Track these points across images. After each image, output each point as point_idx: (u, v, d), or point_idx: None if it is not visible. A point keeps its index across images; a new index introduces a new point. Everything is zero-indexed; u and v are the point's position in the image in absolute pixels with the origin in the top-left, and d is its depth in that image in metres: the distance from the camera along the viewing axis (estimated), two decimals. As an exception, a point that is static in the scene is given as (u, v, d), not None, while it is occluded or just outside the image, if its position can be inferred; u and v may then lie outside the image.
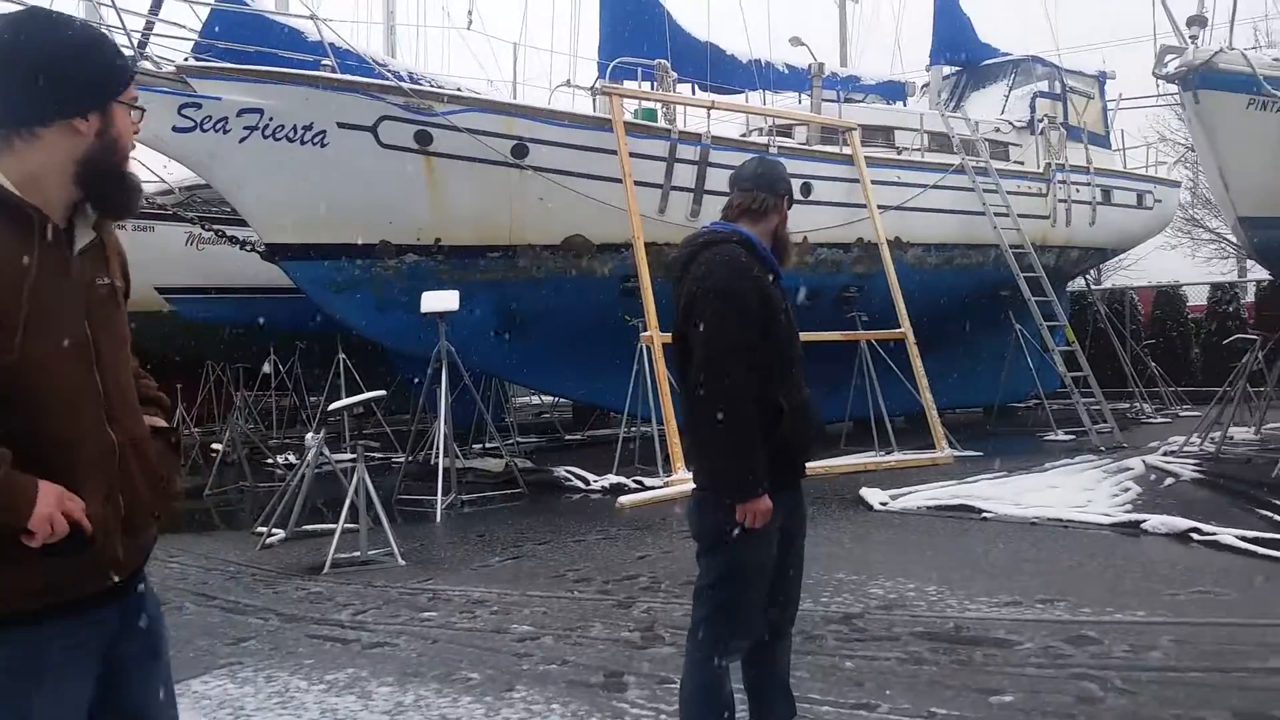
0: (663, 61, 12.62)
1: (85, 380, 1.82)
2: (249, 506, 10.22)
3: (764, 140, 12.93)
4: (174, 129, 9.71)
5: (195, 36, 10.61)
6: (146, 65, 9.78)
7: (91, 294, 1.86)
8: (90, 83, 1.84)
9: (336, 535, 7.19)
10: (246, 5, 11.45)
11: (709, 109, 12.34)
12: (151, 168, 14.82)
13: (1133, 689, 4.16)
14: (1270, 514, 7.58)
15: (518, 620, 5.54)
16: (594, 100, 12.46)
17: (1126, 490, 9.09)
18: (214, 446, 13.00)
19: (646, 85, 12.86)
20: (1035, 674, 4.39)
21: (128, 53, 9.73)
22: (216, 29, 10.58)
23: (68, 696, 1.84)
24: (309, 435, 8.48)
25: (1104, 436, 12.45)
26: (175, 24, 10.80)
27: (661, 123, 12.21)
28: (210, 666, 4.94)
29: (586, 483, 10.55)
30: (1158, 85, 10.75)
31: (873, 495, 8.96)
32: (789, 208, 3.39)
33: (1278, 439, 10.93)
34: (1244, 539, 6.68)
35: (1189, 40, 9.44)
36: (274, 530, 8.08)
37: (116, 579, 1.92)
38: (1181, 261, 30.16)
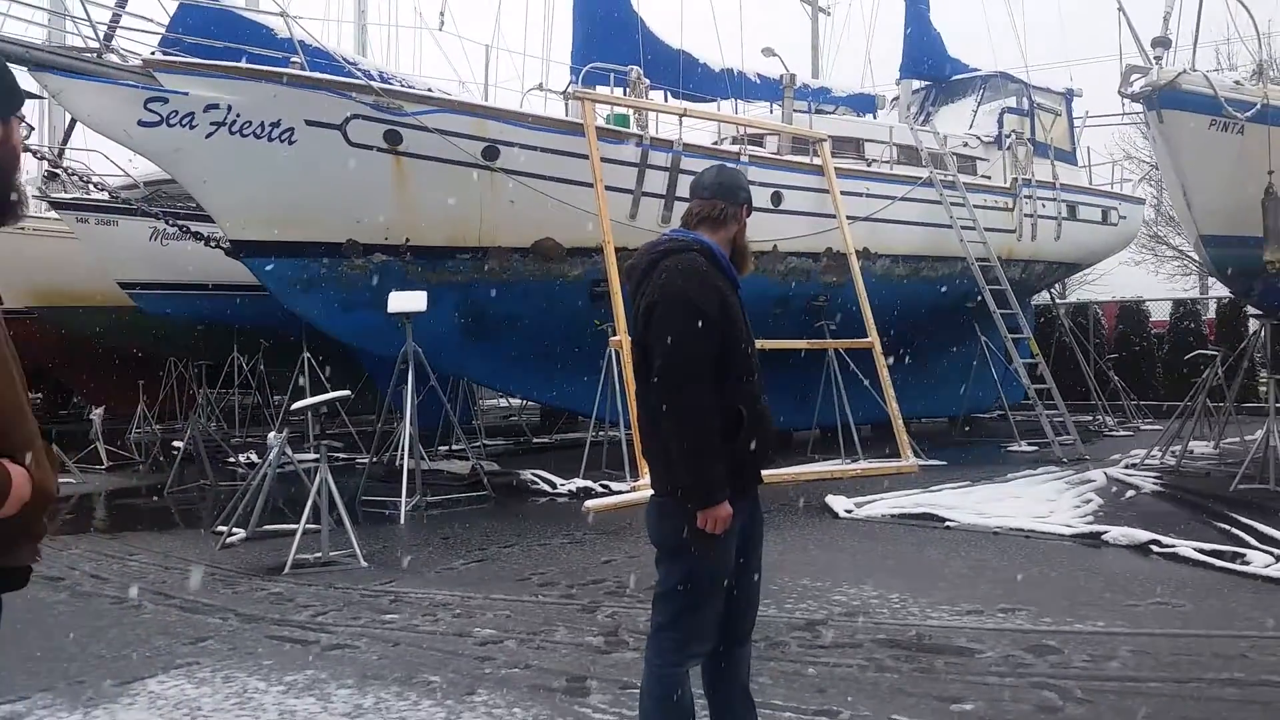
0: (636, 68, 12.62)
1: (12, 374, 1.88)
2: (210, 505, 10.08)
3: (735, 149, 12.97)
4: (139, 123, 9.58)
5: (163, 30, 10.48)
6: (113, 58, 9.66)
7: None
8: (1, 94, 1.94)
9: (298, 535, 7.11)
10: (215, 0, 11.34)
11: (681, 116, 12.36)
12: (116, 161, 14.67)
13: (1091, 699, 4.20)
14: (1227, 527, 7.70)
15: (481, 624, 5.50)
16: (566, 105, 12.43)
17: (1088, 502, 9.19)
18: (175, 444, 12.83)
19: (619, 91, 12.86)
20: (996, 683, 4.43)
21: (94, 45, 9.65)
22: (184, 24, 10.46)
23: None
24: (272, 434, 8.38)
25: (1066, 448, 12.59)
26: (143, 18, 10.72)
27: (633, 129, 12.21)
28: (167, 666, 4.87)
29: (553, 486, 10.52)
30: (1123, 104, 10.88)
31: (838, 503, 9.00)
32: (748, 215, 3.37)
33: (1236, 453, 11.09)
34: (1202, 551, 6.78)
35: (1153, 61, 9.57)
36: (234, 529, 7.97)
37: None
38: (1145, 277, 30.62)
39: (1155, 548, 7.08)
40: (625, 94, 12.70)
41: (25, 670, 4.84)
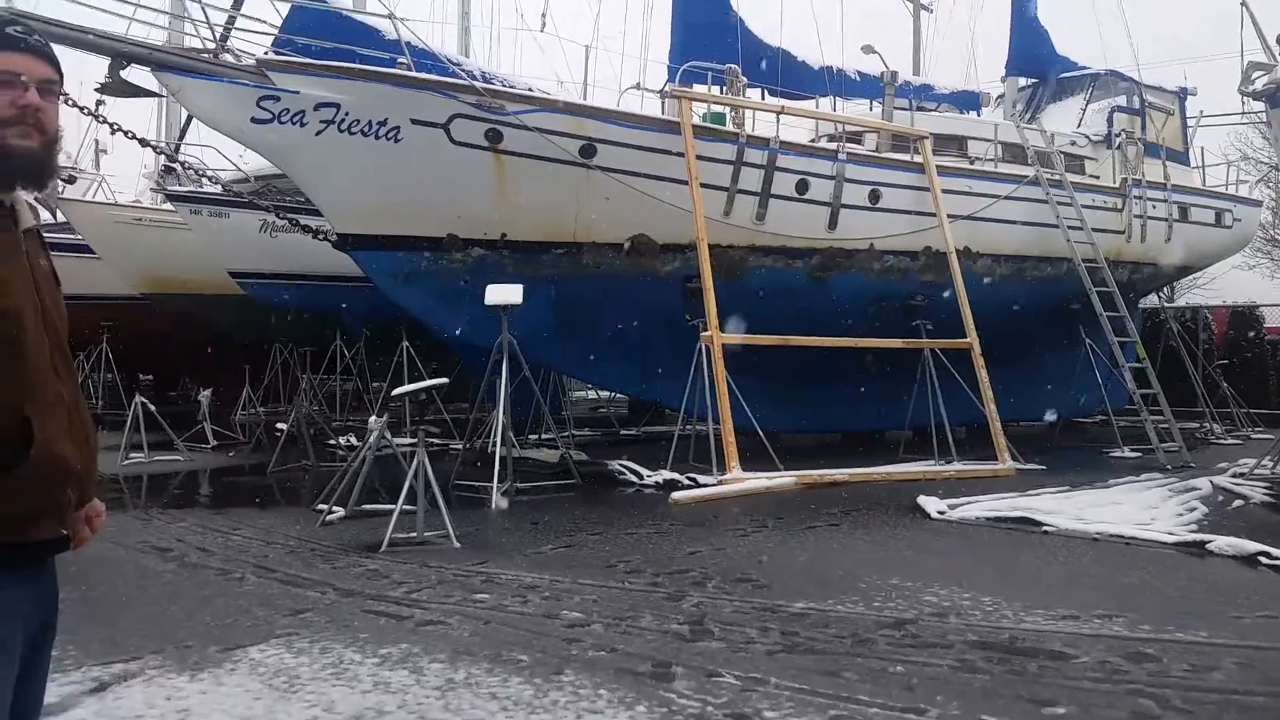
0: (733, 66, 12.60)
1: (41, 338, 1.97)
2: (310, 485, 10.43)
3: (833, 146, 12.86)
4: (252, 120, 9.94)
5: (276, 31, 10.86)
6: (228, 59, 10.05)
7: (37, 270, 2.03)
8: None
9: (395, 516, 7.32)
10: (326, 3, 11.70)
11: (778, 114, 12.30)
12: (229, 156, 15.27)
13: (1191, 709, 4.07)
14: (1344, 542, 7.34)
15: (568, 607, 5.59)
16: (663, 103, 12.49)
17: (1192, 510, 8.86)
18: (278, 425, 13.30)
19: (716, 89, 12.86)
20: (1090, 688, 4.31)
21: (210, 45, 10.05)
22: (296, 25, 10.82)
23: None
24: (372, 418, 8.64)
25: (1171, 455, 12.15)
26: (257, 19, 11.10)
27: (730, 127, 12.20)
28: (268, 635, 5.06)
29: (640, 477, 10.58)
30: (1243, 102, 10.48)
31: (930, 504, 8.85)
32: None
33: (1356, 467, 10.54)
34: (1316, 565, 6.48)
35: (1278, 58, 9.20)
36: (334, 508, 8.24)
37: (64, 533, 2.04)
38: (1260, 282, 29.26)
39: (1264, 559, 6.79)
40: (722, 92, 12.70)
41: (137, 633, 5.10)
